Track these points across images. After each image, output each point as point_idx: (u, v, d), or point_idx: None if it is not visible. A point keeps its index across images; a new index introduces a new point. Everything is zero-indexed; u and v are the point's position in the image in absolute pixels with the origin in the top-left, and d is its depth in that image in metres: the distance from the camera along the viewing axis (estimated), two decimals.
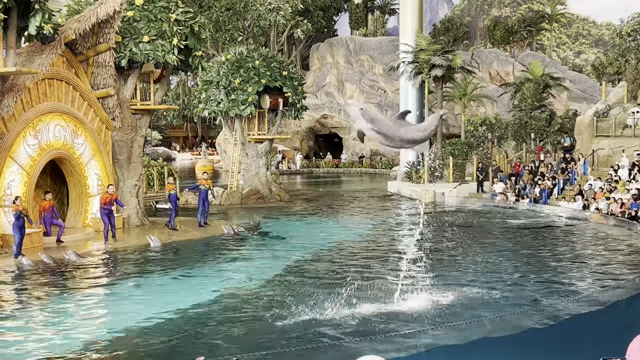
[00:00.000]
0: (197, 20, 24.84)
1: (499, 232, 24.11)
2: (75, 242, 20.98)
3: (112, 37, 22.57)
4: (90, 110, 22.92)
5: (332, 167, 59.72)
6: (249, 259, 19.47)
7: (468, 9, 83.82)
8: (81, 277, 17.03)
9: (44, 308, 13.88)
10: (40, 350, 11.15)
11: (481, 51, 61.26)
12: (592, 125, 32.82)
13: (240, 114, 32.86)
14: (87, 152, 22.91)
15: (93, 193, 23.28)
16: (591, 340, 11.19)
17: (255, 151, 34.09)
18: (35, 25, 18.65)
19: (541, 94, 38.69)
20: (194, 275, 17.12)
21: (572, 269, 17.39)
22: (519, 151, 39.71)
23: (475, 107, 51.00)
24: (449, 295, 14.23)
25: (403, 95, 45.42)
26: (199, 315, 13.27)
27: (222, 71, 33.11)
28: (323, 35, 70.50)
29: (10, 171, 19.58)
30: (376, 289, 14.73)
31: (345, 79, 62.20)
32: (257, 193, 33.83)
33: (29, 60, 20.23)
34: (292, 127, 59.92)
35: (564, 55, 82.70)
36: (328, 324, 12.27)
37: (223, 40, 55.56)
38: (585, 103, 50.45)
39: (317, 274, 17.04)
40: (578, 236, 22.95)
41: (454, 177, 37.66)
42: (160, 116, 75.03)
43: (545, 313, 12.93)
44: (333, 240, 22.36)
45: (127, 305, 14.21)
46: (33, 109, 20.33)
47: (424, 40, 42.45)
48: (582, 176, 30.46)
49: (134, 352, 11.21)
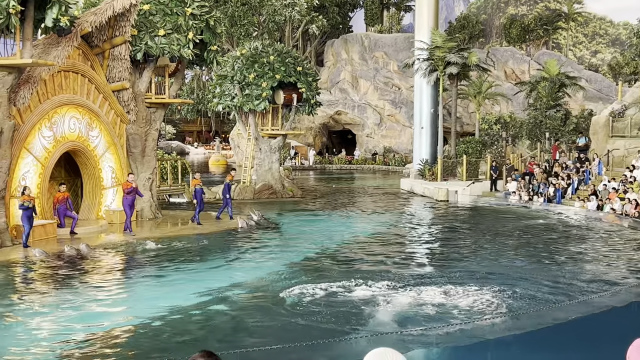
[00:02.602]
0: (212, 14, 24.86)
1: (513, 231, 23.99)
2: (88, 234, 21.08)
3: (128, 31, 22.64)
4: (105, 103, 23.01)
5: (345, 164, 59.66)
6: (258, 253, 19.47)
7: (484, 7, 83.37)
8: (93, 268, 17.12)
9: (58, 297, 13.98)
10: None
11: (497, 49, 60.97)
12: (608, 126, 32.60)
13: (254, 109, 32.87)
14: (102, 145, 23.00)
15: (107, 185, 23.40)
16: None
17: (269, 146, 34.10)
18: (52, 17, 18.72)
19: (557, 93, 38.47)
20: (195, 272, 17.11)
21: (586, 270, 17.30)
22: (533, 150, 39.51)
23: (490, 105, 50.78)
24: (464, 292, 14.19)
25: (417, 93, 45.23)
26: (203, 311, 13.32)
27: (236, 66, 33.11)
28: (338, 31, 70.38)
29: (25, 162, 19.70)
30: (388, 285, 14.71)
31: (359, 76, 62.08)
32: (269, 188, 33.84)
33: (45, 52, 20.32)
34: (305, 123, 59.89)
35: (580, 54, 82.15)
36: (340, 319, 12.27)
37: (238, 35, 55.59)
38: (601, 103, 50.11)
39: (329, 269, 17.02)
40: (592, 236, 22.80)
41: (468, 175, 37.52)
42: (175, 110, 75.29)
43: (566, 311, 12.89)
44: (345, 237, 22.34)
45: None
46: (49, 100, 20.44)
47: (440, 38, 42.24)
48: (596, 176, 30.27)
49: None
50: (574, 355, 11.41)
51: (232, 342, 11.17)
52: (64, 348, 10.90)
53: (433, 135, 43.02)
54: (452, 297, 13.83)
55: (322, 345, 10.70)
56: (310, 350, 10.64)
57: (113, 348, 11.03)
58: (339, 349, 10.71)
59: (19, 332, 11.78)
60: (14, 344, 11.15)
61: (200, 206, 23.98)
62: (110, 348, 11.01)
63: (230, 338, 11.49)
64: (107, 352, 10.79)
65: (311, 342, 10.72)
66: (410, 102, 53.40)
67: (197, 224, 23.53)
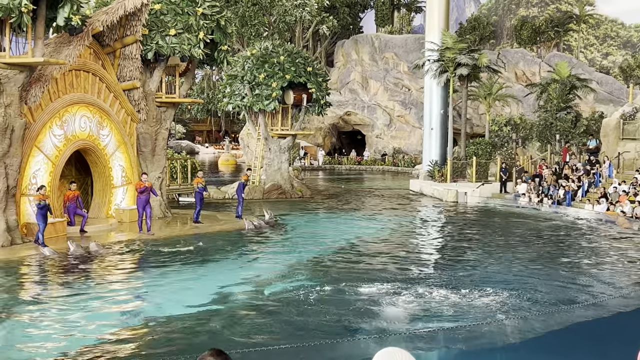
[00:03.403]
0: (223, 14, 24.92)
1: (523, 233, 23.92)
2: (98, 232, 21.16)
3: (139, 30, 22.72)
4: (116, 102, 23.10)
5: (354, 165, 59.66)
6: (266, 253, 19.50)
7: (495, 8, 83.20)
8: (106, 266, 17.19)
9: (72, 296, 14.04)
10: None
11: (507, 51, 60.81)
12: (619, 128, 32.45)
13: (264, 109, 32.91)
14: (112, 144, 23.09)
15: (117, 184, 23.48)
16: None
17: (278, 146, 34.14)
18: (63, 16, 18.80)
19: (567, 95, 38.34)
20: (202, 272, 17.10)
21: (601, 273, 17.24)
22: (543, 152, 39.38)
23: (500, 107, 50.65)
24: (477, 294, 14.17)
25: (427, 94, 45.23)
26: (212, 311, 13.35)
27: (247, 66, 33.17)
28: (348, 32, 70.37)
29: (35, 161, 19.80)
30: (397, 286, 14.71)
31: (369, 76, 62.06)
32: (279, 188, 33.88)
33: (57, 51, 20.42)
34: (315, 124, 59.90)
35: (591, 56, 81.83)
36: (350, 320, 12.28)
37: (248, 35, 55.69)
38: (612, 105, 49.89)
39: (337, 269, 17.02)
40: (602, 238, 22.70)
41: (477, 177, 37.45)
42: (185, 110, 75.38)
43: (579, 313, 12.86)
44: (353, 237, 22.30)
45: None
46: (60, 99, 20.53)
47: (450, 39, 42.21)
48: (606, 179, 30.14)
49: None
50: (584, 357, 11.37)
51: (239, 341, 11.18)
52: (75, 346, 10.95)
53: (443, 137, 42.99)
54: (461, 299, 13.80)
55: (329, 346, 10.71)
56: (317, 350, 10.65)
57: (122, 347, 11.06)
58: (346, 349, 10.71)
59: (28, 330, 11.84)
60: (24, 341, 11.21)
61: (199, 205, 23.86)
62: (119, 347, 11.05)
63: (238, 337, 11.50)
64: (116, 352, 10.82)
65: (319, 342, 10.73)
66: (420, 103, 53.36)
67: (194, 222, 23.47)
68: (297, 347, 10.57)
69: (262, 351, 10.19)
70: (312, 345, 10.56)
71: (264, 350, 10.21)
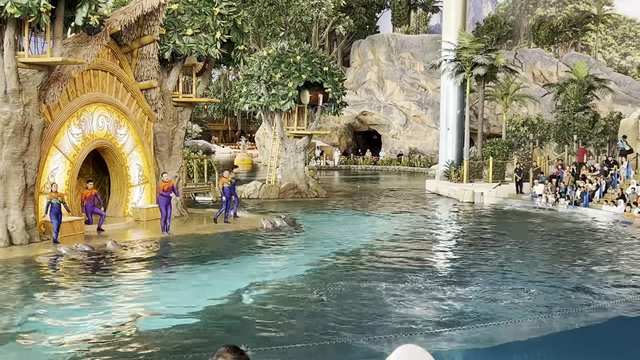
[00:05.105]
0: (240, 14, 24.99)
1: (540, 233, 23.80)
2: (115, 231, 21.28)
3: (157, 30, 22.82)
4: (133, 101, 23.22)
5: (370, 164, 59.59)
6: (285, 253, 19.53)
7: (512, 8, 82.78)
8: (118, 262, 17.29)
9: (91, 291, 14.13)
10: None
11: (525, 51, 60.50)
12: (637, 128, 32.21)
13: (280, 108, 32.96)
14: (130, 143, 23.21)
15: (134, 183, 23.60)
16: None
17: (294, 146, 34.17)
18: (82, 16, 18.92)
19: (585, 96, 38.09)
20: (218, 271, 17.17)
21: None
22: (560, 153, 39.15)
23: (517, 107, 50.39)
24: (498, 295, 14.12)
25: (444, 94, 45.05)
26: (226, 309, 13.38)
27: (263, 66, 33.23)
28: (365, 31, 70.27)
29: (54, 159, 19.95)
30: (415, 285, 14.68)
31: (385, 76, 61.96)
32: (294, 188, 33.90)
33: (75, 50, 20.56)
34: (331, 123, 59.89)
35: (609, 56, 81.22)
36: (368, 318, 12.27)
37: (265, 35, 55.80)
38: (630, 106, 49.51)
39: (353, 268, 17.02)
40: (621, 239, 22.53)
41: (494, 177, 37.28)
42: (201, 109, 75.66)
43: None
44: (370, 237, 22.30)
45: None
46: (78, 98, 20.68)
47: (467, 39, 42.02)
48: (624, 179, 29.91)
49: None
50: (604, 358, 11.30)
51: (256, 339, 11.20)
52: (91, 344, 11.02)
53: (459, 137, 42.81)
54: (479, 298, 13.77)
55: (345, 345, 10.71)
56: (335, 349, 10.65)
57: (137, 345, 11.11)
58: (364, 347, 10.70)
59: (46, 327, 11.92)
60: (40, 339, 11.29)
61: (225, 204, 23.31)
62: (134, 345, 11.10)
63: (255, 335, 11.52)
64: (131, 349, 10.88)
65: (335, 342, 10.73)
66: (437, 103, 53.19)
67: (215, 221, 23.32)
68: (314, 346, 10.58)
69: (279, 350, 10.20)
70: (329, 345, 10.56)
71: (280, 349, 10.22)
